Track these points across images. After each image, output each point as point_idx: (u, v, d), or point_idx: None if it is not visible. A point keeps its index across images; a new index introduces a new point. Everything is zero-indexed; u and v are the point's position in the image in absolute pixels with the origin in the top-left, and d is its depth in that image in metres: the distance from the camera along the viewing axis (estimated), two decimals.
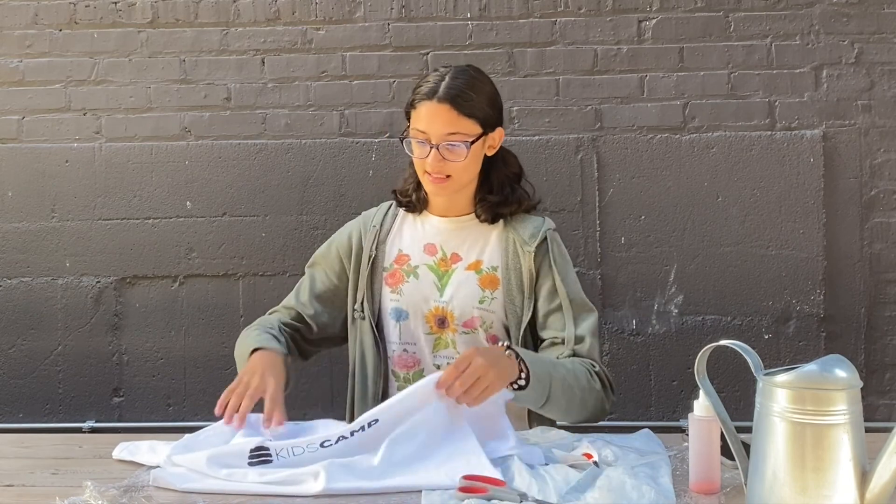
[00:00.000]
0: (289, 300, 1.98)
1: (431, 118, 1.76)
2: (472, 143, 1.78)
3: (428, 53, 2.91)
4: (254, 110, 2.95)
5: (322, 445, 1.49)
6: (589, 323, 1.83)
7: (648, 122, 2.88)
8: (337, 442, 1.49)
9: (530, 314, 1.83)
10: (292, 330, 1.93)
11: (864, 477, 1.19)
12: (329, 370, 2.92)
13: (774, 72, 2.87)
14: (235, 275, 2.95)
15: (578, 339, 1.80)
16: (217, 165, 2.95)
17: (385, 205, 1.98)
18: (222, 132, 2.95)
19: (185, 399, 2.96)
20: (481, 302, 1.84)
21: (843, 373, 1.21)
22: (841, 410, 1.19)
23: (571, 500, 1.34)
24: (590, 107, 2.89)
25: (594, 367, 1.78)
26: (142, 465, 1.56)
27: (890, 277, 2.87)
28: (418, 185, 1.89)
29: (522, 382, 1.60)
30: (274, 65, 2.94)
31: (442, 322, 1.86)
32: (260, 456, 1.48)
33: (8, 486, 1.50)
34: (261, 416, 1.64)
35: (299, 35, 2.93)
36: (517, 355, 1.62)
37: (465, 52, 2.89)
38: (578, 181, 2.87)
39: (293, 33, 2.93)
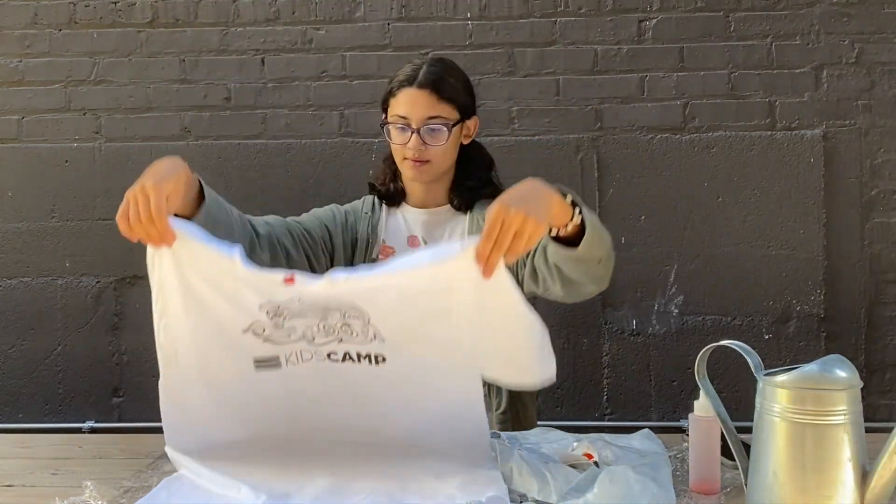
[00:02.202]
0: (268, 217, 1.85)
1: (412, 103, 1.78)
2: (453, 126, 1.80)
3: (428, 53, 2.91)
4: (254, 110, 2.95)
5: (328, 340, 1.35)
6: None
7: (648, 122, 2.88)
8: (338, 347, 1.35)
9: None
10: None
11: (864, 477, 1.19)
12: None
13: (774, 72, 2.86)
14: None
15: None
16: (217, 165, 2.95)
17: (369, 197, 1.97)
18: (222, 132, 2.95)
19: None
20: None
21: (843, 373, 1.21)
22: (841, 410, 1.19)
23: (571, 499, 1.33)
24: (590, 107, 2.89)
25: None
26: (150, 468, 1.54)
27: (890, 277, 2.87)
28: (394, 177, 1.91)
29: (578, 220, 1.44)
30: (274, 65, 2.94)
31: None
32: (267, 363, 1.41)
33: (8, 486, 1.50)
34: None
35: (299, 35, 2.94)
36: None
37: (465, 52, 2.89)
38: (578, 181, 2.87)
39: (293, 33, 2.93)
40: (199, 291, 1.38)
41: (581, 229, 1.47)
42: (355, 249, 1.90)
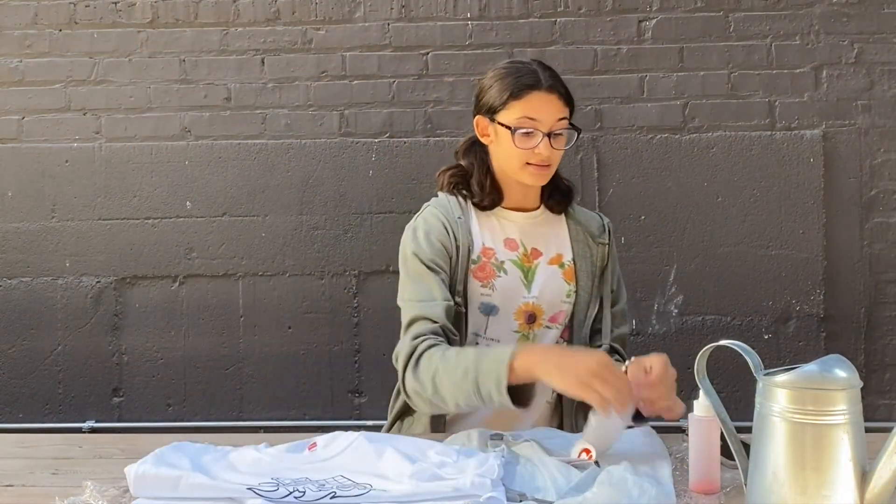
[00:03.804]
0: (429, 311, 1.74)
1: (544, 107, 1.76)
2: (574, 129, 1.82)
3: (428, 53, 2.91)
4: (254, 110, 2.95)
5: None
6: (629, 323, 1.97)
7: (648, 122, 2.88)
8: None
9: (596, 308, 1.87)
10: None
11: (864, 477, 1.19)
12: (328, 370, 2.92)
13: (774, 72, 2.87)
14: (235, 275, 2.95)
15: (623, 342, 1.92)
16: (217, 165, 2.95)
17: (452, 197, 1.88)
18: (222, 132, 2.95)
19: (184, 399, 2.96)
20: (568, 296, 1.85)
21: (843, 373, 1.21)
22: (841, 410, 1.19)
23: (570, 498, 1.33)
24: (590, 107, 2.89)
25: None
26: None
27: (890, 277, 2.87)
28: (493, 182, 1.85)
29: None
30: (274, 65, 2.94)
31: (531, 318, 1.83)
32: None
33: (8, 486, 1.49)
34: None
35: (299, 35, 2.94)
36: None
37: (465, 52, 2.89)
38: (578, 181, 2.87)
39: (293, 33, 2.94)
40: None
41: None
42: (458, 255, 1.80)
